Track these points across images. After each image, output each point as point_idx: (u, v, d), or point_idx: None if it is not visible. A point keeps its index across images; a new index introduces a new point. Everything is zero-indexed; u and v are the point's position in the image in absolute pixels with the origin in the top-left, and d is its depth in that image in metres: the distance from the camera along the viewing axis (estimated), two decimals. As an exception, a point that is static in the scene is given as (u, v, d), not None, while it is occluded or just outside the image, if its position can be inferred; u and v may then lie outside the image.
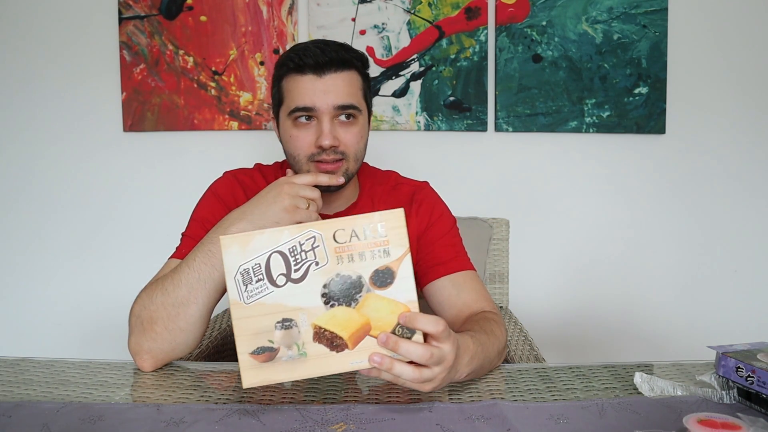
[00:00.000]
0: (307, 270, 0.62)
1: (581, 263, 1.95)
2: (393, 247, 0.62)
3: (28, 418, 0.68)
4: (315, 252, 0.62)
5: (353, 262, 0.62)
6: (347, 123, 0.93)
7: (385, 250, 0.62)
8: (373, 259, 0.62)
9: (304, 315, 0.62)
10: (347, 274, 0.62)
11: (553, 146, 1.91)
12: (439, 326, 0.64)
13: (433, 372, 0.65)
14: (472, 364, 0.75)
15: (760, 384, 0.68)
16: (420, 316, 0.64)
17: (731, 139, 1.94)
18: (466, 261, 1.01)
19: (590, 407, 0.71)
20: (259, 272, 0.62)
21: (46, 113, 1.86)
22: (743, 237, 1.96)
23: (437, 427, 0.66)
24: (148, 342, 0.82)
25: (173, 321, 0.81)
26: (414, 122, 1.86)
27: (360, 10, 1.83)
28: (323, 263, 0.62)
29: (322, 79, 0.91)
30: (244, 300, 0.62)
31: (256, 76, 1.84)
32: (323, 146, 0.91)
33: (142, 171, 1.88)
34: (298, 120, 0.93)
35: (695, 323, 1.96)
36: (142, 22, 1.82)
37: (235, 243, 0.62)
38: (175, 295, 0.81)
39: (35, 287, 1.90)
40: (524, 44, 1.86)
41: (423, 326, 0.64)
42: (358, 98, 0.94)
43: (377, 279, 0.62)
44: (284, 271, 0.62)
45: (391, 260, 0.62)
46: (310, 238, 0.62)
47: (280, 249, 0.62)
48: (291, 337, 0.62)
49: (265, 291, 0.62)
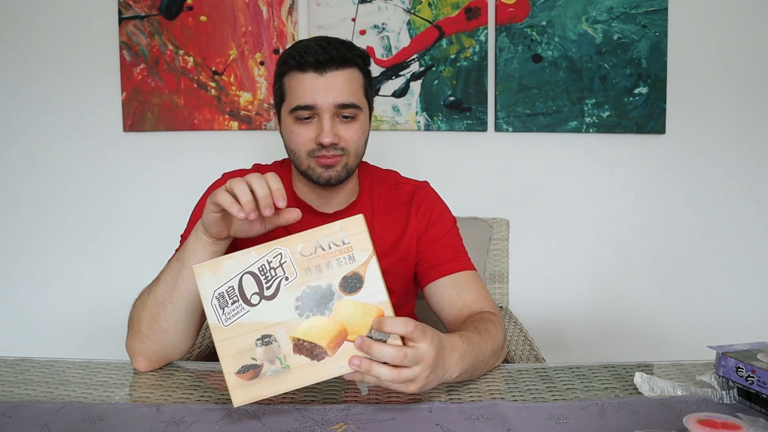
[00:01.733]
0: (279, 286, 0.64)
1: (581, 263, 1.95)
2: (357, 252, 0.64)
3: (28, 418, 0.68)
4: (283, 268, 0.64)
5: (321, 272, 0.64)
6: (348, 121, 0.94)
7: (350, 256, 0.64)
8: (340, 266, 0.64)
9: (282, 329, 0.64)
10: (317, 285, 0.64)
11: (553, 146, 1.91)
12: (407, 327, 0.64)
13: (414, 372, 0.65)
14: (463, 363, 0.74)
15: (760, 384, 0.68)
16: (388, 319, 0.65)
17: (731, 139, 1.94)
18: (467, 261, 1.01)
19: (590, 407, 0.71)
20: (234, 294, 0.64)
21: (46, 113, 1.86)
22: (743, 237, 1.96)
23: (437, 427, 0.66)
24: (138, 343, 0.83)
25: (155, 321, 0.81)
26: (414, 122, 1.86)
27: (360, 10, 1.83)
28: (293, 277, 0.64)
29: (323, 77, 0.91)
30: (222, 323, 0.64)
31: (256, 76, 1.84)
32: (323, 144, 0.91)
33: (142, 171, 1.88)
34: (300, 117, 0.93)
35: (695, 323, 1.96)
36: (142, 22, 1.82)
37: (206, 270, 0.65)
38: (155, 295, 0.82)
39: (35, 287, 1.90)
40: (524, 44, 1.86)
41: (391, 329, 0.64)
42: (359, 96, 0.94)
43: (346, 285, 0.64)
44: (257, 290, 0.64)
45: (358, 265, 0.65)
46: (276, 255, 0.64)
47: (250, 270, 0.64)
48: (272, 352, 0.64)
49: (241, 311, 0.64)
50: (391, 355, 0.63)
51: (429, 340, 0.66)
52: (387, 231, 1.02)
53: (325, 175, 0.94)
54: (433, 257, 1.00)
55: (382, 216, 1.03)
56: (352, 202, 1.03)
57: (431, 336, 0.67)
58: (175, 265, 0.81)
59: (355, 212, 1.02)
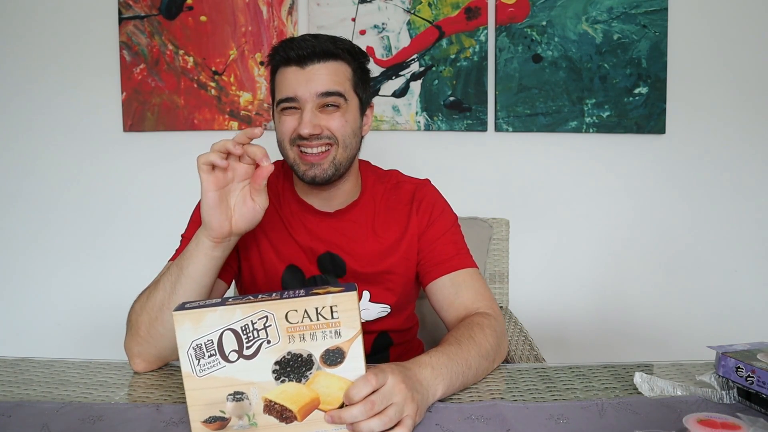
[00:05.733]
0: (259, 347, 0.63)
1: (581, 263, 1.95)
2: (345, 329, 0.63)
3: (28, 418, 0.68)
4: (267, 331, 0.63)
5: (304, 341, 0.63)
6: (331, 110, 0.93)
7: (336, 331, 0.63)
8: (324, 339, 0.63)
9: (255, 389, 0.63)
10: (298, 353, 0.63)
11: (553, 146, 1.91)
12: (370, 381, 0.62)
13: (397, 407, 0.63)
14: (440, 375, 0.73)
15: (760, 384, 0.68)
16: (352, 389, 0.63)
17: (731, 138, 1.94)
18: (468, 258, 1.01)
19: (590, 407, 0.71)
20: (212, 348, 0.63)
21: (47, 113, 1.86)
22: (743, 237, 1.96)
23: (437, 427, 0.66)
24: (136, 345, 0.83)
25: (153, 326, 0.81)
26: (414, 122, 1.86)
27: (360, 10, 1.83)
28: (275, 342, 0.63)
29: (304, 70, 0.92)
30: (196, 373, 0.63)
31: (256, 76, 1.84)
32: (302, 135, 0.91)
33: (142, 171, 1.88)
34: (285, 110, 0.94)
35: (695, 323, 1.96)
36: (142, 22, 1.82)
37: (187, 320, 0.63)
38: (153, 300, 0.82)
39: (35, 287, 1.90)
40: (524, 44, 1.85)
41: (360, 394, 0.62)
42: (344, 87, 0.94)
43: (328, 358, 0.64)
44: (236, 348, 0.63)
45: (342, 341, 0.63)
46: (262, 318, 0.63)
47: (232, 327, 0.63)
48: (242, 409, 0.64)
49: (217, 366, 0.63)
50: (363, 410, 0.62)
51: (389, 373, 0.65)
52: (388, 230, 1.02)
53: (309, 173, 0.94)
54: (433, 255, 1.00)
55: (384, 215, 1.03)
56: (353, 202, 1.03)
57: (389, 369, 0.66)
58: (173, 272, 0.81)
59: (357, 211, 1.02)
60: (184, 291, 0.80)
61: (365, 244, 1.01)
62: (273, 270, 1.00)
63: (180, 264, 0.81)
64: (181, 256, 0.82)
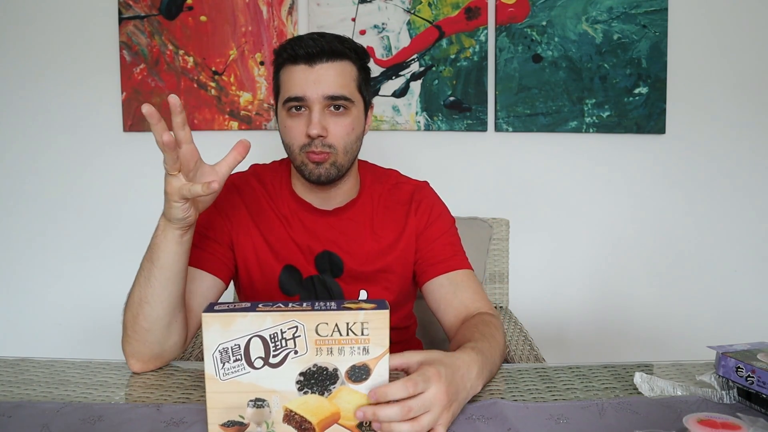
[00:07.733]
0: (286, 357, 0.63)
1: (581, 263, 1.95)
2: (373, 346, 0.63)
3: (28, 418, 0.68)
4: (295, 341, 0.63)
5: (332, 355, 0.63)
6: (338, 114, 0.93)
7: (365, 347, 0.63)
8: (352, 355, 0.63)
9: (277, 397, 0.63)
10: (324, 366, 0.63)
11: (553, 146, 1.91)
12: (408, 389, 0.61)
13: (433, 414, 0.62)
14: (482, 376, 0.73)
15: (760, 384, 0.68)
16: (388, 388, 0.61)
17: (731, 139, 1.94)
18: (464, 260, 1.01)
19: (590, 407, 0.71)
20: (238, 353, 0.63)
21: (47, 113, 1.86)
22: (743, 237, 1.96)
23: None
24: (127, 345, 0.84)
25: (136, 322, 0.82)
26: (414, 122, 1.86)
27: (360, 10, 1.83)
28: (302, 353, 0.63)
29: (313, 69, 0.91)
30: (219, 376, 0.63)
31: (256, 76, 1.84)
32: (311, 135, 0.91)
33: (142, 171, 1.88)
34: (291, 110, 0.94)
35: (695, 323, 1.96)
36: (142, 22, 1.82)
37: (216, 322, 0.63)
38: (133, 297, 0.83)
39: (35, 287, 1.90)
40: (524, 44, 1.85)
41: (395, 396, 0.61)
42: (350, 89, 0.94)
43: (353, 374, 0.63)
44: (263, 355, 0.63)
45: (370, 358, 0.63)
46: (292, 327, 0.63)
47: (261, 334, 0.63)
48: (262, 416, 0.64)
49: (241, 371, 0.63)
50: (398, 413, 0.61)
51: (435, 380, 0.63)
52: (386, 229, 1.02)
53: (316, 172, 0.94)
54: (431, 255, 1.00)
55: (382, 214, 1.03)
56: (351, 200, 1.03)
57: (436, 375, 0.64)
58: (146, 266, 0.82)
59: (356, 210, 1.03)
60: (159, 282, 0.80)
61: (363, 243, 1.01)
62: (270, 271, 1.00)
63: (151, 257, 0.81)
64: (150, 249, 0.82)
